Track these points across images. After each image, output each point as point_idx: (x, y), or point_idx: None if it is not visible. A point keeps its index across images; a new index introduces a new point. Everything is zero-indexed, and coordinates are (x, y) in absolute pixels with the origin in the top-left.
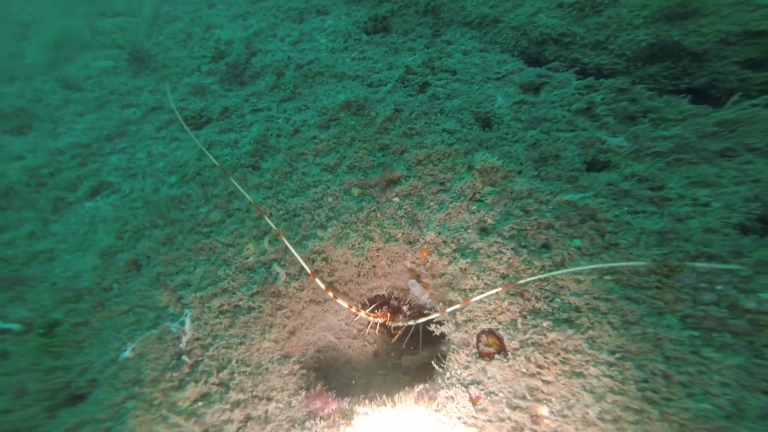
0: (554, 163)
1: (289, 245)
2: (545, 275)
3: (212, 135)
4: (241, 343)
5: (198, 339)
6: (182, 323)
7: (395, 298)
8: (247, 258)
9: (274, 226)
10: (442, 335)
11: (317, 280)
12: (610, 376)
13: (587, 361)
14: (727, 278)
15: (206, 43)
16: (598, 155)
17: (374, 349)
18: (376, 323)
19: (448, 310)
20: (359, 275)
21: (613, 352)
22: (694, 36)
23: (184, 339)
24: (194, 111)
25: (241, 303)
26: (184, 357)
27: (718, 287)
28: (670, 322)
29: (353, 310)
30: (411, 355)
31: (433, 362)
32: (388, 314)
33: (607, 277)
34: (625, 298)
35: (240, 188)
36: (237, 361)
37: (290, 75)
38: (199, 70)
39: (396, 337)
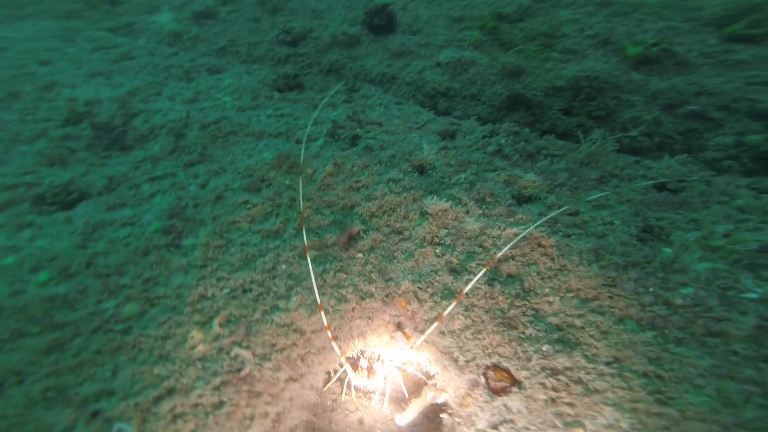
0: (492, 200)
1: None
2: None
3: (97, 214)
4: None
5: None
6: None
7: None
8: (194, 348)
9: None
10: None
11: (322, 313)
12: (620, 387)
13: (593, 378)
14: (653, 280)
15: (51, 103)
16: (522, 190)
17: (358, 416)
18: (350, 387)
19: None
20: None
21: (608, 363)
22: (530, 90)
23: None
24: (57, 186)
25: (202, 400)
26: None
27: (650, 289)
28: (631, 326)
29: (343, 359)
30: (401, 412)
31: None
32: (368, 371)
33: (570, 295)
34: (591, 311)
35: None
36: None
37: (194, 135)
38: (46, 135)
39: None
